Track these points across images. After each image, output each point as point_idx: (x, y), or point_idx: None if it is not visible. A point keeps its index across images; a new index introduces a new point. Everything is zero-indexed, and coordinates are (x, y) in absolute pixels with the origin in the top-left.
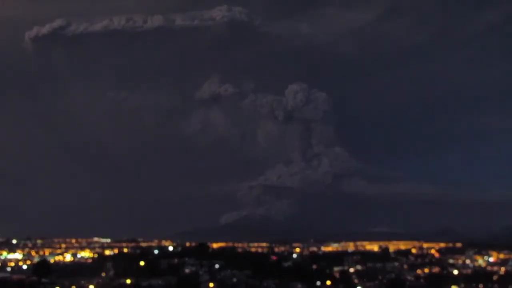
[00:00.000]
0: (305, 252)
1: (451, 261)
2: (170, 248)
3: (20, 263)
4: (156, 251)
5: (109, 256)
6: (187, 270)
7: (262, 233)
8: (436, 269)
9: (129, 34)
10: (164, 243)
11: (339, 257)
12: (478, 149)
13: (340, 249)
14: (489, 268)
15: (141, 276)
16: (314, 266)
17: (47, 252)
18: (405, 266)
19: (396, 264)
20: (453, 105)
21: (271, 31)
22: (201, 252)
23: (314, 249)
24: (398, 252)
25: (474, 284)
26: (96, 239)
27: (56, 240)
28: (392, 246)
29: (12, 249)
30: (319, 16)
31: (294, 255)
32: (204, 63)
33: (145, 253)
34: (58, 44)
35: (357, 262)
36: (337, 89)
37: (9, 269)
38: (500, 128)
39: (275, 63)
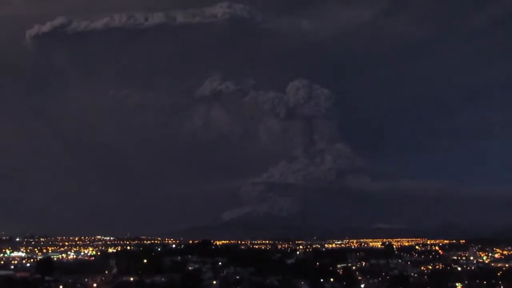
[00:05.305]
0: (308, 249)
1: (455, 257)
2: (173, 246)
3: (24, 261)
4: (159, 249)
5: (112, 253)
6: (190, 267)
7: (265, 230)
8: (440, 266)
9: (130, 31)
10: (167, 240)
11: (342, 254)
12: (482, 145)
13: (343, 246)
14: (493, 264)
15: (144, 274)
16: (317, 263)
17: (50, 250)
18: (409, 263)
19: (400, 260)
20: (456, 101)
21: (272, 28)
22: (204, 249)
23: (317, 246)
24: (402, 249)
25: (478, 281)
26: (99, 236)
27: (59, 238)
28: (396, 243)
29: (15, 247)
30: (320, 13)
31: (297, 252)
32: (205, 60)
33: (148, 251)
34: (59, 42)
35: (360, 259)
36: (338, 85)
37: (12, 267)
38: (504, 123)
39: (276, 60)
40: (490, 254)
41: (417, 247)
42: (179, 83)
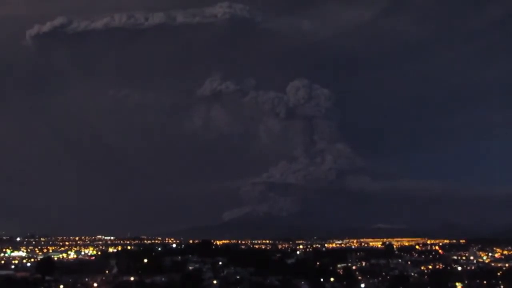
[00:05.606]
0: (309, 249)
1: (455, 257)
2: (173, 246)
3: (24, 261)
4: (159, 249)
5: (113, 253)
6: (190, 267)
7: (265, 230)
8: (440, 266)
9: (130, 31)
10: (167, 240)
11: (343, 254)
12: (482, 145)
13: (343, 245)
14: (493, 264)
15: (144, 273)
16: (318, 263)
17: (50, 249)
18: (409, 263)
19: (400, 260)
20: (456, 101)
21: (273, 28)
22: (205, 249)
23: (318, 245)
24: (402, 249)
25: (478, 281)
26: (99, 236)
27: (59, 238)
28: (396, 243)
29: (16, 247)
30: (321, 12)
31: (298, 252)
32: (206, 60)
33: (149, 250)
34: (59, 42)
35: (360, 259)
36: (338, 85)
37: (13, 266)
38: (504, 123)
39: (276, 60)
40: (490, 254)
41: (417, 247)
42: (179, 83)
